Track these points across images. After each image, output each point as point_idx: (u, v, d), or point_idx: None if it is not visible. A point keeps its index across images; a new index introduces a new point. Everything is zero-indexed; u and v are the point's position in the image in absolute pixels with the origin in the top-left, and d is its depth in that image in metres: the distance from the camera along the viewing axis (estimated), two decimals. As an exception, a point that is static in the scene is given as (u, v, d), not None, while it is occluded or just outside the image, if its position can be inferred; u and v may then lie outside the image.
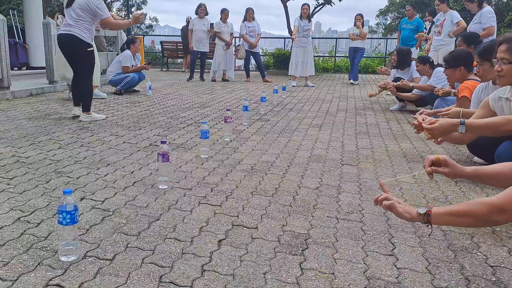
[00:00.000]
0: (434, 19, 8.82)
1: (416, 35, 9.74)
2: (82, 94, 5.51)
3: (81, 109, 5.50)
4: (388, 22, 32.08)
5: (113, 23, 5.71)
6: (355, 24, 11.31)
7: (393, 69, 7.56)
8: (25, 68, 10.65)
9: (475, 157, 3.97)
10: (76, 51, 5.33)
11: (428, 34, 9.43)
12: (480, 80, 4.05)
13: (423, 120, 3.03)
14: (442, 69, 6.22)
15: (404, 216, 1.76)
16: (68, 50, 5.41)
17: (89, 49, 5.34)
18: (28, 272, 1.86)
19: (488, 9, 7.17)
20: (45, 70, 8.77)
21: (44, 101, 7.05)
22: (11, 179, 3.12)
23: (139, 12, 5.63)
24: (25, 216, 2.47)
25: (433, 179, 2.60)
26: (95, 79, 6.45)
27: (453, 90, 5.15)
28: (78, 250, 2.01)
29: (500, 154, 3.22)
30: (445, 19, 8.08)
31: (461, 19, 8.05)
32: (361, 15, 11.31)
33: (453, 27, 7.98)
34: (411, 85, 6.44)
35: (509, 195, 1.55)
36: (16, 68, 10.16)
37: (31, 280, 1.80)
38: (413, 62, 7.06)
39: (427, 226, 1.74)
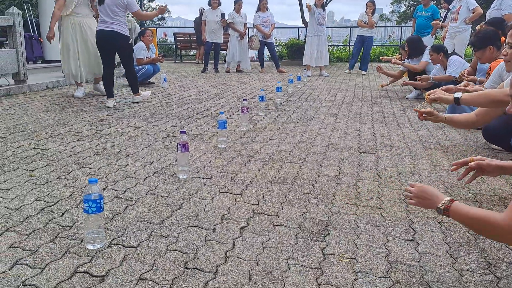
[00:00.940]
0: (450, 6, 8.70)
1: (432, 23, 9.62)
2: (130, 79, 6.25)
3: (132, 92, 6.33)
4: (403, 9, 31.77)
5: (144, 15, 6.70)
6: (365, 11, 11.08)
7: (407, 59, 7.49)
8: (40, 62, 10.75)
9: (492, 144, 3.95)
10: (119, 45, 5.89)
11: (443, 21, 9.29)
12: None
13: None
14: (456, 57, 6.17)
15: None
16: (109, 45, 5.86)
17: (129, 41, 5.93)
18: (56, 260, 1.90)
19: None
20: (60, 64, 8.84)
21: (61, 94, 7.12)
22: (33, 170, 3.17)
23: (163, 4, 6.11)
24: (49, 206, 2.51)
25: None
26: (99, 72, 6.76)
27: (478, 78, 5.08)
28: (104, 238, 2.05)
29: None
30: (461, 6, 7.98)
31: (477, 5, 7.93)
32: (372, 2, 10.86)
33: (469, 14, 7.87)
34: (431, 78, 6.38)
35: None
36: (32, 62, 10.25)
37: (59, 267, 1.84)
38: (427, 50, 6.98)
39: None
